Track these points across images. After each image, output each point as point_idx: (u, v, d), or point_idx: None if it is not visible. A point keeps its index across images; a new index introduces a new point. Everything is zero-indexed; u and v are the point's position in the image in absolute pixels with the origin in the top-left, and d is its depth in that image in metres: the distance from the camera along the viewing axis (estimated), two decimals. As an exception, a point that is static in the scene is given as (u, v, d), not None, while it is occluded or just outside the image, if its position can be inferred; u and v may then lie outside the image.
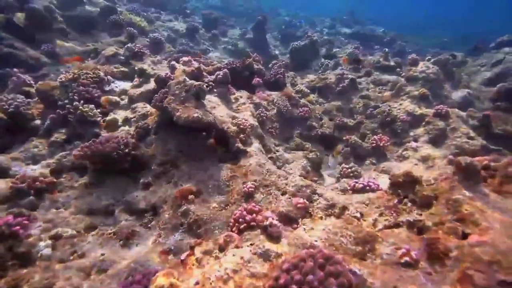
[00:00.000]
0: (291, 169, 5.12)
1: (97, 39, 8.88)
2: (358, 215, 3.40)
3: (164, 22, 13.38)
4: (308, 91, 7.32)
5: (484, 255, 1.90)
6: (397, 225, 2.86)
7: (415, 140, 5.75)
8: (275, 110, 6.16)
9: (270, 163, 4.56)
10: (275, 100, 6.19)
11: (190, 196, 3.82)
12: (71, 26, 8.70)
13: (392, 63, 9.75)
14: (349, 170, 4.81)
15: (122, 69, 6.36)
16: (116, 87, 6.00)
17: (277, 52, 15.55)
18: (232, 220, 3.29)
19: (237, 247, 2.28)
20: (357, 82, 7.62)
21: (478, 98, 7.43)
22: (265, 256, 2.16)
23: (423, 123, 5.90)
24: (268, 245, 2.28)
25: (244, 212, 3.24)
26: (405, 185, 3.59)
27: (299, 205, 3.36)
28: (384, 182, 4.76)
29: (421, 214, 3.18)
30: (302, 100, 6.80)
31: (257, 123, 5.30)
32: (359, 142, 5.75)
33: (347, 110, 7.13)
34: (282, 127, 6.12)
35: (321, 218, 3.40)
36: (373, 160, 5.64)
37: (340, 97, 7.32)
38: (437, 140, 5.58)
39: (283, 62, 8.19)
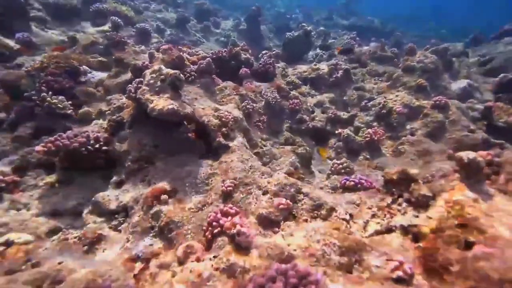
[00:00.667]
0: (278, 165, 4.76)
1: (79, 29, 8.42)
2: (348, 217, 3.06)
3: (153, 12, 12.88)
4: (300, 82, 6.93)
5: (492, 271, 1.55)
6: (389, 230, 2.52)
7: (412, 134, 5.39)
8: (263, 102, 5.78)
9: (254, 159, 4.20)
10: (263, 92, 5.81)
11: (163, 196, 3.45)
12: (51, 15, 8.23)
13: (389, 54, 9.36)
14: (341, 166, 4.45)
15: (100, 58, 5.94)
16: (93, 77, 5.59)
17: (271, 44, 15.09)
18: (205, 224, 2.94)
19: (198, 260, 1.93)
20: (351, 73, 7.23)
21: (478, 89, 7.07)
22: (229, 272, 1.81)
23: (421, 116, 5.54)
24: (234, 258, 1.92)
25: (219, 215, 2.89)
26: (399, 183, 3.25)
27: (281, 206, 3.00)
28: (378, 179, 4.41)
29: (417, 216, 2.85)
30: (293, 92, 6.41)
31: (242, 116, 4.92)
32: (352, 136, 5.39)
33: (341, 103, 6.75)
34: (270, 120, 5.74)
35: (306, 220, 3.05)
36: (367, 155, 5.28)
37: (333, 88, 6.94)
38: (435, 133, 5.23)
39: (274, 52, 7.78)
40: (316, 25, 17.46)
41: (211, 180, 3.82)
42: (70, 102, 4.61)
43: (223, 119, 4.43)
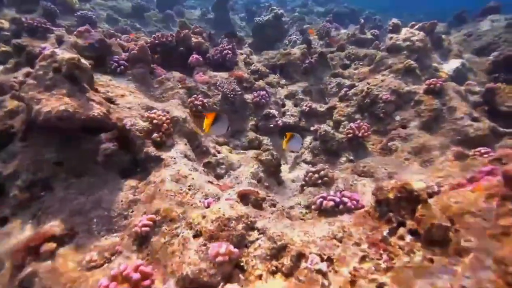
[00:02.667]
0: (237, 177, 3.63)
1: (-1, 18, 6.92)
2: (324, 266, 1.97)
3: (104, 0, 11.35)
4: (268, 70, 5.81)
5: None
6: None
7: (403, 126, 4.39)
8: (219, 96, 4.61)
9: (198, 175, 3.04)
10: (218, 83, 4.64)
11: (47, 246, 2.26)
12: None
13: (368, 36, 8.41)
14: (317, 175, 3.37)
15: (4, 48, 4.58)
16: (-8, 74, 4.24)
17: (243, 34, 13.88)
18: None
19: None
20: (327, 57, 6.17)
21: (470, 70, 6.18)
22: None
23: (412, 103, 4.54)
24: None
25: (112, 285, 1.73)
26: (398, 204, 2.20)
27: (219, 259, 1.87)
28: (365, 190, 3.37)
29: (432, 260, 1.82)
30: (259, 82, 5.27)
31: (186, 115, 3.74)
32: (331, 133, 4.32)
33: (317, 92, 5.69)
34: (230, 119, 4.59)
35: (260, 277, 1.95)
36: (350, 155, 4.24)
37: (307, 76, 5.86)
38: (431, 124, 4.24)
39: (237, 36, 6.62)
40: (291, 13, 16.36)
41: (132, 211, 2.65)
42: None
43: (155, 121, 3.23)
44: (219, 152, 3.94)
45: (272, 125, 4.77)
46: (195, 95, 4.13)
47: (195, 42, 5.11)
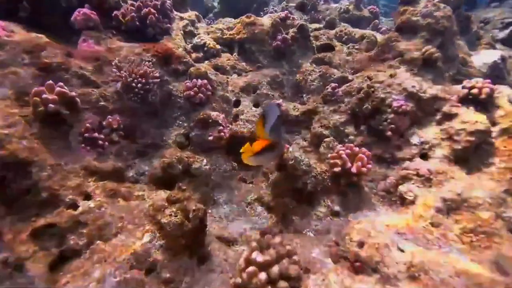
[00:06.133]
0: (105, 261, 1.76)
1: None
2: None
3: None
4: (219, 47, 3.84)
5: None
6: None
7: (424, 155, 2.65)
8: (118, 85, 2.65)
9: None
10: (115, 62, 2.66)
11: None
12: None
13: (366, 13, 6.56)
14: (264, 275, 1.55)
15: None
16: None
17: (215, 3, 11.64)
18: None
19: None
20: (309, 33, 4.28)
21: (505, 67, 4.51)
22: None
23: (438, 117, 2.79)
24: None
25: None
26: None
27: None
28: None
29: None
30: (200, 65, 3.34)
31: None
32: (304, 164, 2.50)
33: (290, 86, 3.82)
34: (134, 126, 2.68)
35: None
36: (334, 204, 2.46)
37: (277, 60, 3.95)
38: (470, 155, 2.52)
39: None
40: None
41: None
42: None
43: None
44: (87, 198, 2.03)
45: (211, 138, 2.89)
46: (50, 81, 2.14)
47: (89, -12, 3.04)
